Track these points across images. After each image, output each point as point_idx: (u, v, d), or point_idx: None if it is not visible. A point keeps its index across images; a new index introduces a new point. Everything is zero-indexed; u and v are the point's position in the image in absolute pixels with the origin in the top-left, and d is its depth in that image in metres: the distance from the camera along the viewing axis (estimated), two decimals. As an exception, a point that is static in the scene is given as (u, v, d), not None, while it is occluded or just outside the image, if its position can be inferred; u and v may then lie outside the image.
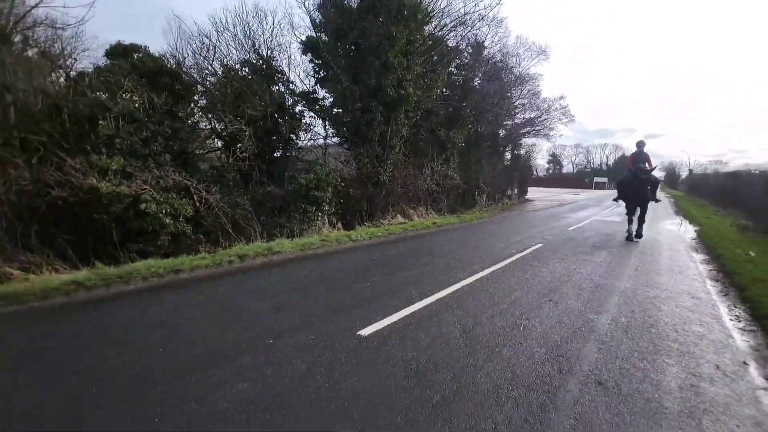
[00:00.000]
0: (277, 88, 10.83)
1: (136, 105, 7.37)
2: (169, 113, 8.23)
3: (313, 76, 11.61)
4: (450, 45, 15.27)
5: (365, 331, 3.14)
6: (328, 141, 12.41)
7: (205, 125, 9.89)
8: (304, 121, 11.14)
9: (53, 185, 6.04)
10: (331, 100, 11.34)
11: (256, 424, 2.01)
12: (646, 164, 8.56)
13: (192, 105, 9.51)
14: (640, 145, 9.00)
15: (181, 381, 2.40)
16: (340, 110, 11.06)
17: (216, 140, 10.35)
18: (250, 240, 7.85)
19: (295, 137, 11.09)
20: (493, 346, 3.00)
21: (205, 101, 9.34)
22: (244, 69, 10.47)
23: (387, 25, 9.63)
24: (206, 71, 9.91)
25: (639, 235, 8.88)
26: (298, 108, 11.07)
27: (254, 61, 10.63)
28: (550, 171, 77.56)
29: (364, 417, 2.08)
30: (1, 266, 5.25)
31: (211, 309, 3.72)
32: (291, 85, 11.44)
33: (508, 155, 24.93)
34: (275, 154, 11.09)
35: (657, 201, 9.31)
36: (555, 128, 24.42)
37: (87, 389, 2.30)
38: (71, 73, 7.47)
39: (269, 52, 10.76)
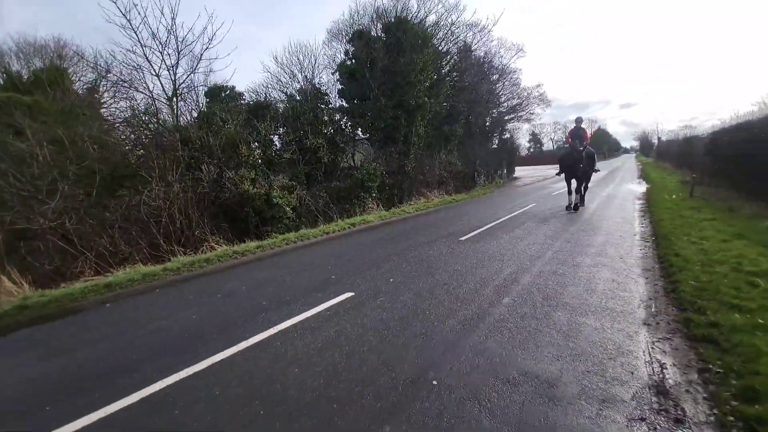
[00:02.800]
0: (323, 107, 14.09)
1: (251, 133, 10.61)
2: (266, 135, 11.48)
3: (347, 95, 14.84)
4: (444, 50, 18.58)
5: (462, 238, 6.66)
6: (357, 142, 15.73)
7: (277, 139, 13.10)
8: (346, 130, 14.45)
9: (224, 189, 9.28)
10: (360, 110, 14.57)
11: (428, 264, 5.42)
12: (584, 140, 9.31)
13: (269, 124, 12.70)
14: (578, 121, 9.70)
15: (394, 257, 5.80)
16: (374, 119, 14.33)
17: (284, 152, 13.53)
18: (332, 220, 11.17)
19: (341, 143, 14.39)
20: (524, 237, 6.54)
21: (283, 124, 12.51)
22: (299, 95, 13.70)
23: (410, 54, 12.96)
24: (275, 98, 13.15)
25: (581, 204, 9.53)
26: (341, 121, 14.35)
27: (305, 88, 13.87)
28: (532, 150, 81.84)
29: (466, 266, 5.53)
30: (208, 242, 8.53)
31: (375, 240, 7.13)
32: (331, 103, 14.75)
33: (495, 140, 28.51)
34: (325, 159, 14.38)
35: (596, 171, 10.11)
36: (534, 112, 28.13)
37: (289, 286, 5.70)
38: (201, 111, 10.63)
39: (316, 79, 14.02)
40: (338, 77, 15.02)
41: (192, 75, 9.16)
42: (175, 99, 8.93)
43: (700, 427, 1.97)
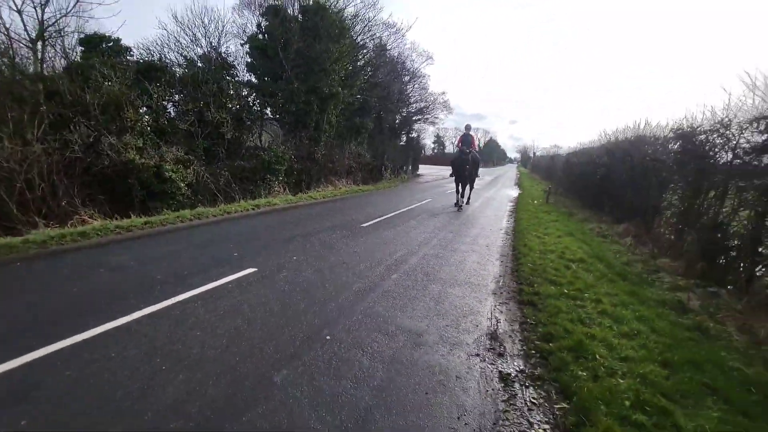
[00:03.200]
0: (229, 79, 13.18)
1: (140, 95, 9.48)
2: (159, 101, 10.35)
3: (257, 71, 14.14)
4: (360, 44, 19.01)
5: (363, 225, 7.23)
6: (266, 121, 15.19)
7: (172, 107, 11.87)
8: (254, 108, 13.78)
9: (102, 156, 8.15)
10: (270, 89, 14.09)
11: (330, 245, 5.88)
12: (472, 145, 10.48)
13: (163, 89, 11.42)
14: (467, 128, 10.67)
15: (293, 240, 6.07)
16: (285, 101, 13.98)
17: (179, 121, 12.34)
18: (234, 201, 10.75)
19: (247, 121, 13.69)
20: (417, 227, 7.41)
21: (180, 90, 11.34)
22: (201, 62, 12.54)
23: (326, 42, 12.99)
24: (172, 61, 11.80)
25: (467, 202, 10.80)
26: (250, 98, 13.63)
27: (209, 56, 12.77)
28: (436, 151, 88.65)
29: (364, 249, 6.17)
30: (79, 215, 7.55)
31: (280, 222, 7.20)
32: (238, 76, 13.87)
33: (403, 138, 30.26)
34: (228, 135, 13.55)
35: (478, 177, 11.42)
36: (438, 117, 30.67)
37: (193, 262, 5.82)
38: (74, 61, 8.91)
39: (223, 48, 13.01)
40: (248, 50, 14.20)
41: (65, 17, 7.70)
42: (40, 43, 7.41)
43: (513, 357, 2.81)
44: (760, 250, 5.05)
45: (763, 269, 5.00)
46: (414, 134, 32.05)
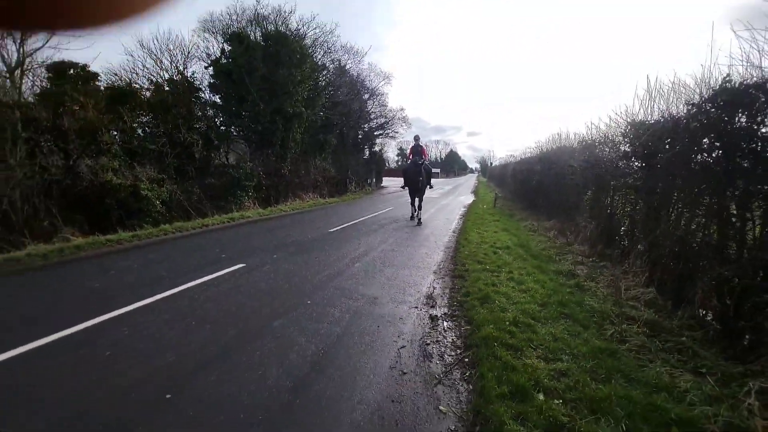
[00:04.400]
0: (195, 101, 13.90)
1: (113, 120, 10.08)
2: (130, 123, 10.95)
3: (223, 92, 14.93)
4: (322, 66, 20.31)
5: (331, 230, 8.29)
6: (232, 140, 15.92)
7: (141, 130, 12.42)
8: (221, 128, 14.52)
9: (81, 178, 8.69)
10: (236, 109, 14.94)
11: (304, 246, 6.92)
12: (423, 155, 10.23)
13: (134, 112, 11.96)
14: (417, 139, 10.46)
15: (276, 247, 7.02)
16: (251, 122, 14.85)
17: (148, 142, 12.85)
18: (206, 216, 11.42)
19: (215, 141, 14.39)
20: (377, 230, 8.56)
21: (149, 112, 11.92)
22: (168, 86, 13.20)
23: (289, 68, 14.11)
24: (140, 86, 12.38)
25: (419, 220, 9.82)
26: (216, 118, 14.37)
27: (176, 80, 13.45)
28: (399, 163, 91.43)
29: (332, 248, 7.27)
30: (66, 233, 8.07)
31: (256, 232, 8.08)
32: (203, 98, 14.61)
33: (366, 152, 31.72)
34: (197, 155, 14.16)
35: (431, 187, 10.75)
36: (398, 131, 32.54)
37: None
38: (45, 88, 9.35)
39: (189, 71, 13.75)
40: (212, 72, 14.97)
41: (42, 48, 8.26)
42: (19, 72, 7.91)
43: (441, 307, 4.01)
44: (636, 232, 6.67)
45: (640, 246, 6.61)
46: (377, 148, 33.68)
